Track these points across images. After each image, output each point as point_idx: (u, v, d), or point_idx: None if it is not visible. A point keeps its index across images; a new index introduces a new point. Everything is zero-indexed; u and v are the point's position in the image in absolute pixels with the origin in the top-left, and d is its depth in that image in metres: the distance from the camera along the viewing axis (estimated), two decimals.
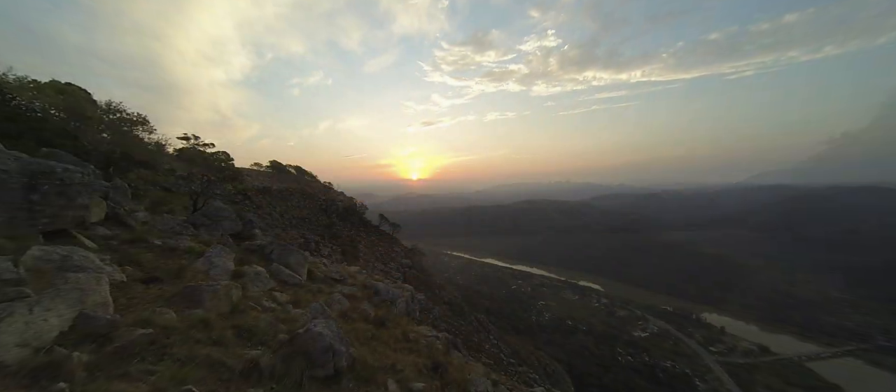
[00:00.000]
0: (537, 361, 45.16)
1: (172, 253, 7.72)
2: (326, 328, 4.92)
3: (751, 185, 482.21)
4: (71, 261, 4.70)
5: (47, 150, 9.43)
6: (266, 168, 53.17)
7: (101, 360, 3.45)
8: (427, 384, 5.95)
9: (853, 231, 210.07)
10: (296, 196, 42.97)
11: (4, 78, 11.94)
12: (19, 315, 3.25)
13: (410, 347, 7.76)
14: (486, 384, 7.25)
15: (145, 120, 15.94)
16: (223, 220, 12.09)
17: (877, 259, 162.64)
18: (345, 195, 55.11)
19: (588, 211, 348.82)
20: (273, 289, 8.11)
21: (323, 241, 28.02)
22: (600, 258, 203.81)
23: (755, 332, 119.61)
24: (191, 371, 3.61)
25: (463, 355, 11.85)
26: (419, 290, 26.42)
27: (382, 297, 11.05)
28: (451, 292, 47.08)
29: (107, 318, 3.93)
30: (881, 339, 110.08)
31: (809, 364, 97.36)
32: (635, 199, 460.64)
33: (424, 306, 25.88)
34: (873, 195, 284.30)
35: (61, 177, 5.87)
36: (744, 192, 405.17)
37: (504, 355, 32.83)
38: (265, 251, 10.19)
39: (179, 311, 4.94)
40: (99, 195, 7.82)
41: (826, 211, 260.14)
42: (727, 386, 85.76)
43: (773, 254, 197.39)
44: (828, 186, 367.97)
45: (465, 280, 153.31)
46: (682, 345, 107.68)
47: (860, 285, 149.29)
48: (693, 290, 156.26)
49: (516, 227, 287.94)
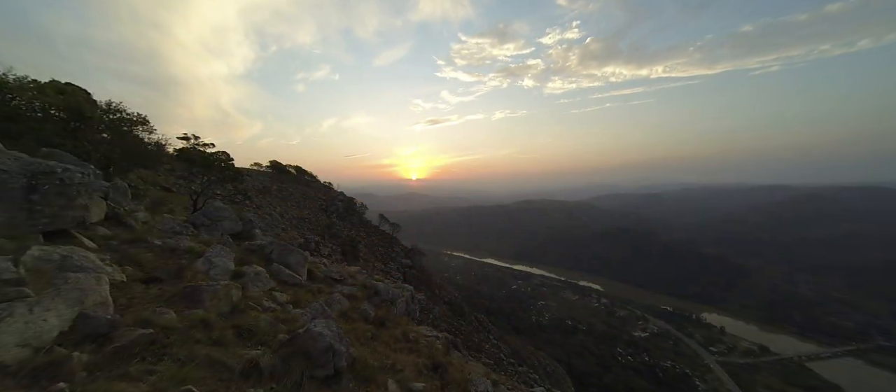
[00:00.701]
0: (537, 361, 45.16)
1: (172, 253, 7.72)
2: (326, 328, 4.92)
3: (751, 185, 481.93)
4: (71, 261, 4.70)
5: (47, 150, 9.42)
6: (266, 168, 53.23)
7: (101, 360, 3.46)
8: (427, 384, 5.95)
9: (853, 231, 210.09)
10: (296, 196, 43.00)
11: (4, 78, 11.93)
12: (19, 315, 3.25)
13: (410, 347, 7.77)
14: (486, 384, 7.25)
15: (145, 120, 15.92)
16: (223, 220, 12.08)
17: (877, 259, 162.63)
18: (345, 195, 55.12)
19: (588, 211, 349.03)
20: (273, 289, 8.11)
21: (323, 241, 28.02)
22: (600, 258, 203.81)
23: (755, 332, 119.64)
24: (191, 371, 3.61)
25: (463, 355, 11.86)
26: (419, 290, 26.44)
27: (382, 297, 11.05)
28: (451, 292, 47.08)
29: (107, 318, 3.93)
30: (881, 339, 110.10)
31: (809, 364, 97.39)
32: (635, 198, 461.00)
33: (424, 306, 25.91)
34: (873, 195, 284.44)
35: (61, 177, 5.87)
36: (744, 193, 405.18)
37: (504, 355, 32.84)
38: (265, 251, 10.18)
39: (179, 311, 4.94)
40: (99, 195, 7.82)
41: (826, 211, 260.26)
42: (727, 386, 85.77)
43: (773, 254, 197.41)
44: (828, 186, 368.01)
45: (465, 280, 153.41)
46: (682, 345, 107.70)
47: (860, 285, 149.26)
48: (693, 290, 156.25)
49: (516, 227, 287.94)
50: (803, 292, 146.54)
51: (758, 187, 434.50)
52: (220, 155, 17.49)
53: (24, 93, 12.14)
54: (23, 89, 12.21)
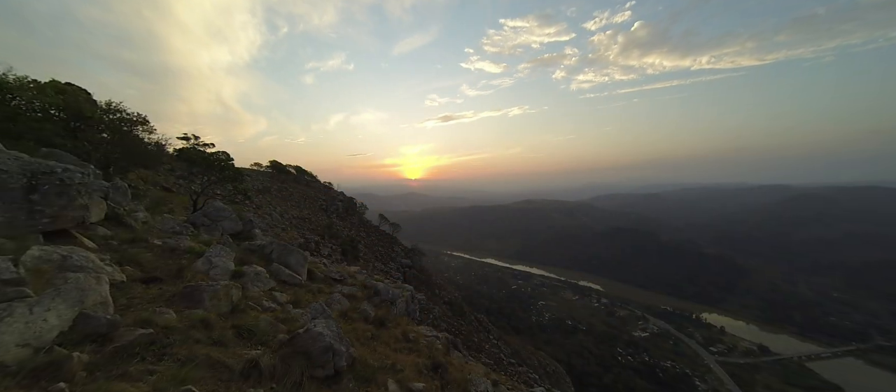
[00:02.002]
0: (537, 361, 45.19)
1: (172, 253, 7.72)
2: (326, 328, 4.92)
3: (752, 186, 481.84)
4: (71, 261, 4.70)
5: (47, 150, 9.42)
6: (266, 168, 53.26)
7: (101, 360, 3.45)
8: (427, 384, 5.95)
9: (853, 231, 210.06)
10: (296, 196, 43.02)
11: (4, 78, 11.93)
12: (19, 315, 3.25)
13: (410, 347, 7.77)
14: (486, 384, 7.25)
15: (145, 120, 15.94)
16: (223, 220, 12.09)
17: (877, 259, 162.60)
18: (345, 195, 55.17)
19: (588, 211, 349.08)
20: (273, 289, 8.11)
21: (323, 241, 28.03)
22: (600, 258, 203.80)
23: (755, 332, 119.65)
24: (191, 371, 3.61)
25: (463, 355, 11.85)
26: (419, 290, 26.45)
27: (382, 297, 11.05)
28: (451, 292, 47.12)
29: (107, 318, 3.93)
30: (881, 339, 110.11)
31: (809, 364, 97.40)
32: (636, 198, 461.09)
33: (424, 306, 25.91)
34: (873, 195, 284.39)
35: (61, 177, 5.87)
36: (745, 193, 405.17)
37: (504, 355, 32.87)
38: (265, 251, 10.18)
39: (179, 311, 4.94)
40: (99, 195, 7.81)
41: (826, 211, 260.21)
42: (727, 386, 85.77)
43: (773, 254, 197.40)
44: (828, 186, 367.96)
45: (465, 280, 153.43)
46: (682, 345, 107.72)
47: (860, 285, 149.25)
48: (693, 290, 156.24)
49: (516, 227, 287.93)
50: (803, 292, 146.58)
51: (759, 187, 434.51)
52: (220, 155, 17.48)
53: (24, 93, 12.14)
54: (23, 89, 12.21)
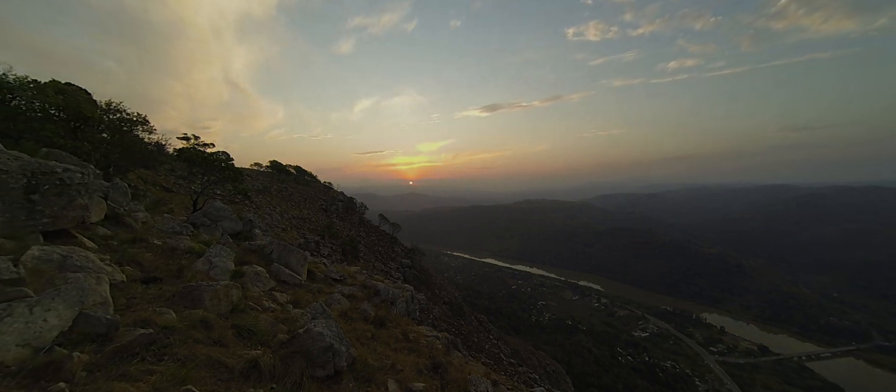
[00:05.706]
0: (537, 361, 45.20)
1: (172, 253, 7.72)
2: (326, 328, 4.92)
3: (752, 186, 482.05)
4: (71, 261, 4.70)
5: (47, 150, 9.42)
6: (266, 168, 53.25)
7: (101, 360, 3.46)
8: (427, 384, 5.95)
9: (854, 231, 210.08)
10: (296, 196, 43.02)
11: (4, 78, 11.93)
12: (19, 315, 3.25)
13: (410, 347, 7.77)
14: (485, 384, 7.25)
15: (145, 120, 15.94)
16: (223, 220, 12.09)
17: (877, 259, 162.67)
18: (345, 195, 55.17)
19: (588, 211, 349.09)
20: (273, 289, 8.11)
21: (323, 241, 28.03)
22: (600, 258, 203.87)
23: (755, 332, 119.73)
24: (191, 371, 3.61)
25: (463, 355, 11.86)
26: (419, 290, 26.44)
27: (382, 297, 11.04)
28: (451, 292, 47.14)
29: (107, 318, 3.93)
30: (881, 339, 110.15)
31: (809, 364, 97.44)
32: (636, 198, 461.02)
33: (424, 306, 25.89)
34: (874, 195, 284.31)
35: (61, 177, 5.87)
36: (745, 193, 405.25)
37: (504, 355, 32.86)
38: (265, 251, 10.18)
39: (179, 311, 4.93)
40: (99, 195, 7.81)
41: (826, 211, 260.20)
42: (727, 386, 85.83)
43: (773, 254, 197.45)
44: (828, 186, 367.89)
45: (465, 280, 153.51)
46: (682, 345, 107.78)
47: (860, 285, 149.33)
48: (693, 290, 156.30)
49: (516, 227, 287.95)
50: (803, 292, 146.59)
51: (759, 187, 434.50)
52: (220, 155, 17.50)
53: (24, 93, 12.14)
54: (23, 89, 12.21)
